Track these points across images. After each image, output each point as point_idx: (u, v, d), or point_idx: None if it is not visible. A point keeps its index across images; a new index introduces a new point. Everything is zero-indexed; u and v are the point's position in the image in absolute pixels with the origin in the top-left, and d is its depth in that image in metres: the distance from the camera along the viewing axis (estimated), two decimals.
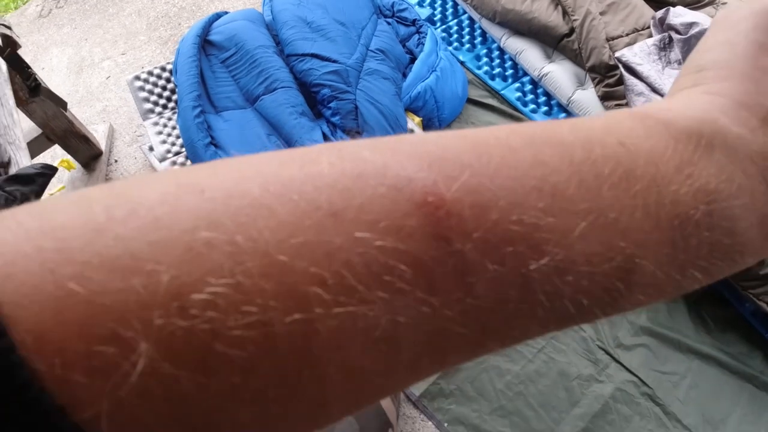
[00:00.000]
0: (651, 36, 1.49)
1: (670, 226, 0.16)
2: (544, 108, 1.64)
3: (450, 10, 1.88)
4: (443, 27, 1.84)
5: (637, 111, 0.18)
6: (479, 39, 1.81)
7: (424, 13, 1.86)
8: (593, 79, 1.52)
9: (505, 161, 0.15)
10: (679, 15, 1.41)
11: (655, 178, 0.16)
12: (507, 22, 1.68)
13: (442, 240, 0.13)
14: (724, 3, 1.61)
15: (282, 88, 1.46)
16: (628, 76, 1.42)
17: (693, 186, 0.16)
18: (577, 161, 0.15)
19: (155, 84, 1.59)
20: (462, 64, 1.74)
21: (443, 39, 1.79)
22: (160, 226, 0.12)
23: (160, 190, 0.13)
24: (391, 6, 1.74)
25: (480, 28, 1.82)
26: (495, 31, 1.74)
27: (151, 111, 1.54)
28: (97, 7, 2.16)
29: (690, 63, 0.21)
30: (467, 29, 1.84)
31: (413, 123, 1.56)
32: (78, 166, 1.56)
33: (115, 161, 1.66)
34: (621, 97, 1.46)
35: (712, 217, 0.16)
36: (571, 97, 1.56)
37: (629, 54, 1.43)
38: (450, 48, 1.77)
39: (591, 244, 0.15)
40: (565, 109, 1.61)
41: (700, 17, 1.39)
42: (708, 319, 1.31)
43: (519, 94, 1.67)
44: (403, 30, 1.71)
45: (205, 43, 1.54)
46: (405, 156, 0.14)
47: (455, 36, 1.83)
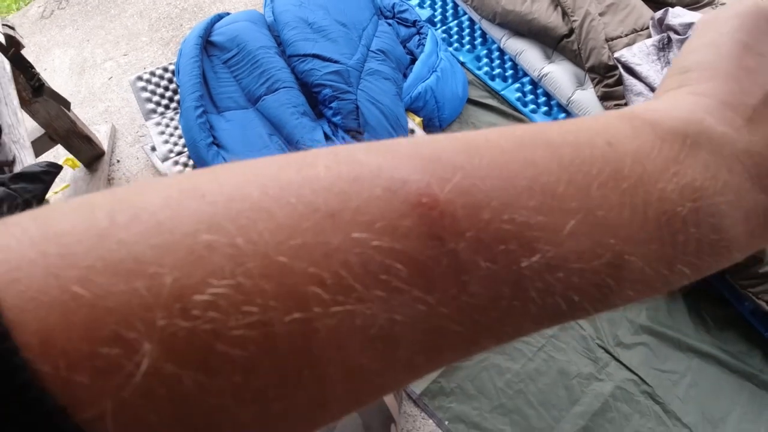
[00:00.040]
0: (650, 36, 1.49)
1: (657, 222, 0.16)
2: (544, 108, 1.64)
3: (450, 11, 1.89)
4: (443, 28, 1.85)
5: (625, 112, 0.18)
6: (479, 40, 1.81)
7: (425, 14, 1.87)
8: (593, 79, 1.53)
9: (496, 163, 0.15)
10: (677, 15, 1.41)
11: (642, 177, 0.16)
12: (507, 23, 1.69)
13: (437, 239, 0.13)
14: (723, 3, 1.62)
15: (284, 88, 1.47)
16: (627, 76, 1.42)
17: (679, 184, 0.16)
18: (566, 162, 0.15)
19: (157, 84, 1.59)
20: (462, 64, 1.75)
21: (443, 40, 1.80)
22: (162, 230, 0.12)
23: (162, 195, 0.13)
24: (392, 7, 1.75)
25: (480, 29, 1.82)
26: (495, 31, 1.75)
27: (154, 111, 1.55)
28: (99, 8, 2.16)
29: (676, 64, 0.21)
30: (467, 30, 1.84)
31: (414, 123, 1.57)
32: (80, 166, 1.57)
33: (118, 161, 1.66)
34: (620, 97, 1.46)
35: (698, 214, 0.16)
36: (570, 97, 1.56)
37: (628, 54, 1.43)
38: (450, 49, 1.78)
39: (581, 241, 0.15)
40: (564, 110, 1.61)
41: (698, 18, 1.39)
42: (707, 318, 1.31)
43: (519, 95, 1.67)
44: (403, 31, 1.72)
45: (207, 44, 1.55)
46: (399, 159, 0.14)
47: (455, 37, 1.83)
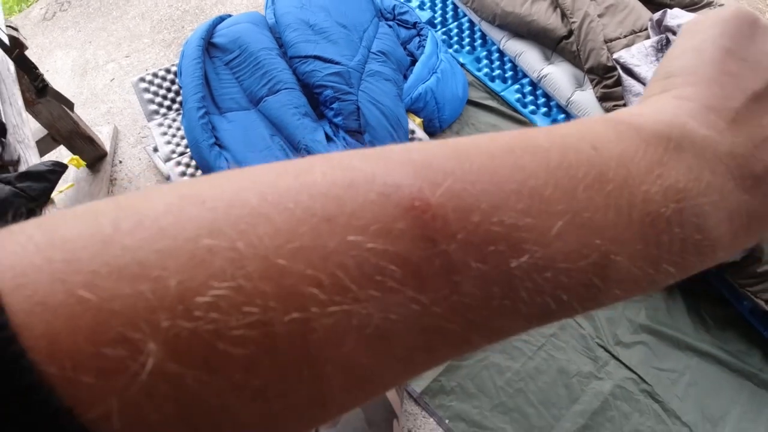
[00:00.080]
0: (648, 38, 1.50)
1: (642, 223, 0.16)
2: (544, 109, 1.65)
3: (450, 13, 1.90)
4: (443, 30, 1.85)
5: (610, 117, 0.19)
6: (479, 41, 1.82)
7: (425, 16, 1.88)
8: (592, 80, 1.53)
9: (485, 167, 0.15)
10: (676, 17, 1.42)
11: (627, 179, 0.16)
12: (506, 25, 1.69)
13: (429, 241, 0.14)
14: (722, 5, 1.63)
15: (285, 89, 1.47)
16: (625, 77, 1.43)
17: (663, 185, 0.17)
18: (553, 166, 0.16)
19: (160, 86, 1.60)
20: (462, 66, 1.76)
21: (443, 41, 1.81)
22: (164, 235, 0.12)
23: (164, 202, 0.13)
24: (392, 9, 1.76)
25: (480, 30, 1.83)
26: (495, 33, 1.75)
27: (156, 112, 1.55)
28: (101, 10, 2.17)
29: (661, 69, 0.22)
30: (467, 32, 1.85)
31: (414, 124, 1.57)
32: (85, 165, 1.58)
33: (120, 162, 1.67)
34: (619, 98, 1.47)
35: (682, 214, 0.17)
36: (570, 98, 1.57)
37: (627, 55, 1.43)
38: (450, 50, 1.79)
39: (568, 242, 0.15)
40: (564, 110, 1.62)
41: (699, 18, 1.41)
42: (707, 317, 1.31)
43: (519, 96, 1.68)
44: (404, 33, 1.73)
45: (209, 46, 1.55)
46: (392, 165, 0.15)
47: (455, 38, 1.84)
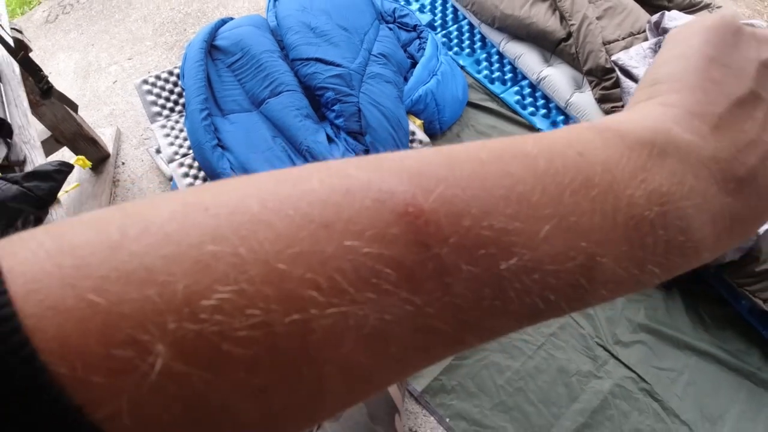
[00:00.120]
0: (647, 39, 1.51)
1: (626, 226, 0.17)
2: (543, 111, 1.66)
3: (450, 15, 1.91)
4: (443, 32, 1.87)
5: (595, 124, 0.20)
6: (479, 44, 1.84)
7: (425, 18, 1.89)
8: (590, 82, 1.55)
9: (475, 174, 0.16)
10: (674, 19, 1.44)
11: (612, 184, 0.17)
12: (506, 27, 1.71)
13: (422, 245, 0.15)
14: (719, 6, 1.64)
15: (287, 91, 1.49)
16: (624, 78, 1.44)
17: (647, 189, 0.17)
18: (540, 172, 0.17)
19: (163, 88, 1.61)
20: (462, 68, 1.77)
21: (443, 44, 1.82)
22: (170, 241, 0.13)
23: (168, 209, 0.14)
24: (393, 12, 1.77)
25: (479, 33, 1.84)
26: (494, 35, 1.77)
27: (159, 114, 1.56)
28: (104, 13, 2.18)
29: (647, 77, 0.23)
30: (467, 34, 1.87)
31: (415, 125, 1.58)
32: (90, 165, 1.59)
33: (123, 164, 1.68)
34: (617, 99, 1.48)
35: (665, 217, 0.17)
36: (568, 99, 1.58)
37: (625, 57, 1.44)
38: (450, 53, 1.80)
39: (555, 244, 0.16)
40: (563, 112, 1.63)
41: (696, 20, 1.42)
42: (705, 317, 1.31)
43: (518, 98, 1.69)
44: (404, 35, 1.74)
45: (211, 48, 1.57)
46: (387, 172, 0.16)
47: (455, 41, 1.86)
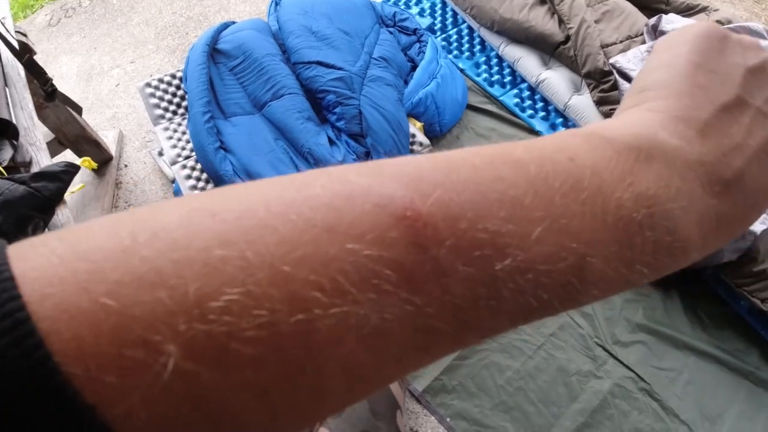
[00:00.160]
0: (644, 42, 1.52)
1: (615, 227, 0.17)
2: (542, 113, 1.67)
3: (450, 19, 1.93)
4: (443, 36, 1.89)
5: (584, 130, 0.20)
6: (478, 47, 1.85)
7: (425, 22, 1.91)
8: (589, 84, 1.56)
9: (470, 179, 0.17)
10: (671, 22, 1.45)
11: (601, 188, 0.18)
12: (505, 31, 1.72)
13: (421, 247, 0.15)
14: (717, 10, 1.65)
15: (289, 94, 1.50)
16: (622, 81, 1.46)
17: (634, 192, 0.18)
18: (531, 176, 0.17)
19: (165, 91, 1.62)
20: (462, 71, 1.78)
21: (443, 47, 1.84)
22: (179, 246, 0.13)
23: (177, 215, 0.14)
24: (393, 16, 1.78)
25: (479, 36, 1.86)
26: (493, 39, 1.78)
27: (162, 117, 1.58)
28: (106, 17, 2.20)
29: (635, 84, 0.24)
30: (466, 38, 1.88)
31: (415, 128, 1.60)
32: (96, 166, 1.60)
33: (125, 166, 1.69)
34: (615, 101, 1.50)
35: (652, 219, 0.18)
36: (567, 102, 1.60)
37: (623, 60, 1.46)
38: (450, 56, 1.82)
39: (547, 245, 0.16)
40: (561, 114, 1.64)
41: (693, 24, 1.42)
42: (704, 317, 1.31)
43: (517, 100, 1.70)
44: (404, 39, 1.75)
45: (213, 52, 1.58)
46: (386, 178, 0.16)
47: (455, 44, 1.87)
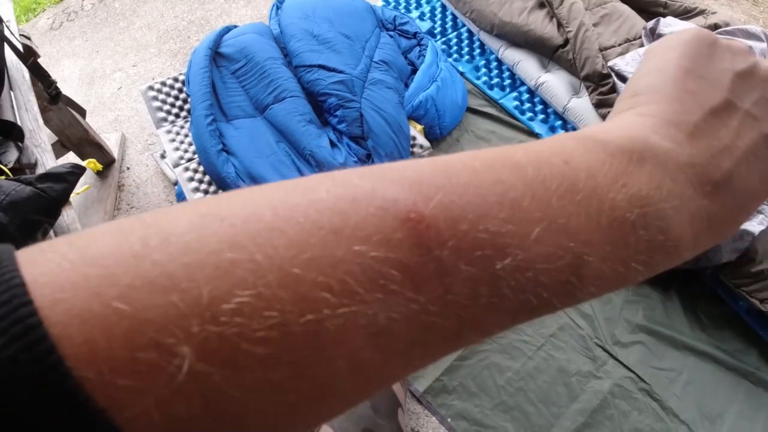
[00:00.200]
0: (642, 45, 1.53)
1: (610, 227, 0.18)
2: (541, 116, 1.68)
3: (450, 23, 1.94)
4: (443, 39, 1.90)
5: (579, 134, 0.21)
6: (478, 51, 1.86)
7: (425, 26, 1.92)
8: (587, 87, 1.57)
9: (470, 182, 0.17)
10: (669, 25, 1.46)
11: (595, 189, 0.18)
12: (504, 35, 1.73)
13: (424, 248, 0.16)
14: (714, 12, 1.66)
15: (290, 97, 1.51)
16: (620, 84, 1.46)
17: (627, 193, 0.19)
18: (529, 179, 0.18)
19: (168, 94, 1.63)
20: (462, 74, 1.79)
21: (443, 51, 1.85)
22: (190, 250, 0.14)
23: (186, 220, 0.15)
24: (393, 20, 1.80)
25: (478, 40, 1.87)
26: (493, 42, 1.79)
27: (165, 119, 1.58)
28: (108, 20, 2.21)
29: (627, 89, 0.24)
30: (466, 41, 1.90)
31: (416, 131, 1.61)
32: (101, 168, 1.62)
33: (127, 168, 1.70)
34: (614, 104, 1.50)
35: (646, 218, 0.19)
36: (566, 105, 1.60)
37: (621, 63, 1.47)
38: (450, 59, 1.83)
39: (545, 245, 0.17)
40: (561, 117, 1.65)
41: (690, 27, 1.44)
42: (703, 317, 1.32)
43: (517, 103, 1.71)
44: (404, 42, 1.77)
45: (216, 55, 1.59)
46: (389, 181, 0.17)
47: (455, 48, 1.88)
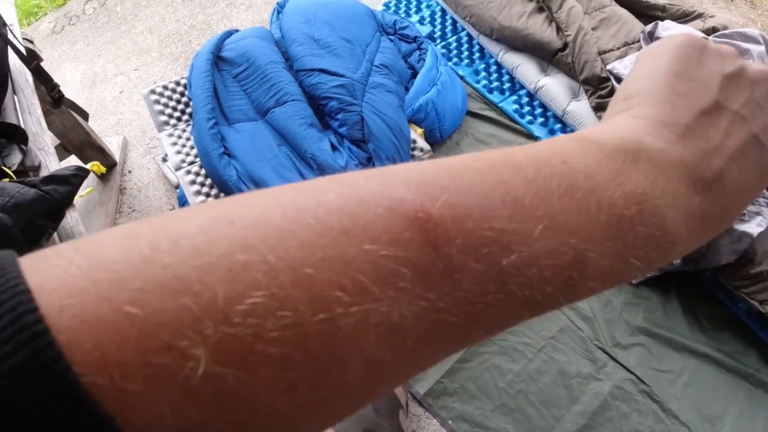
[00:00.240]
0: (641, 49, 1.55)
1: (609, 224, 0.19)
2: (541, 119, 1.68)
3: (449, 27, 1.95)
4: (443, 43, 1.91)
5: (577, 135, 0.22)
6: (477, 54, 1.87)
7: (425, 30, 1.93)
8: (586, 91, 1.57)
9: (474, 182, 0.18)
10: (667, 29, 1.46)
11: (594, 188, 0.19)
12: (504, 38, 1.74)
13: (433, 247, 0.16)
14: (712, 16, 1.66)
15: (292, 101, 1.52)
16: (619, 87, 1.48)
17: (624, 191, 0.19)
18: (530, 179, 0.18)
19: (170, 98, 1.64)
20: (461, 78, 1.80)
21: (443, 55, 1.86)
22: (201, 252, 0.14)
23: (195, 223, 0.15)
24: (394, 24, 1.81)
25: (478, 44, 1.88)
26: (492, 46, 1.80)
27: (167, 123, 1.59)
28: (109, 24, 2.22)
29: (620, 92, 0.25)
30: (466, 45, 1.90)
31: (416, 134, 1.61)
32: (105, 170, 1.62)
33: (129, 172, 1.71)
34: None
35: (642, 215, 0.19)
36: (565, 108, 1.61)
37: (620, 67, 1.47)
38: (450, 63, 1.84)
39: (548, 242, 0.17)
40: (560, 120, 1.66)
41: (688, 31, 1.43)
42: (703, 319, 1.32)
43: (516, 107, 1.72)
44: (405, 46, 1.78)
45: (217, 59, 1.60)
46: (395, 183, 0.17)
47: (455, 52, 1.89)
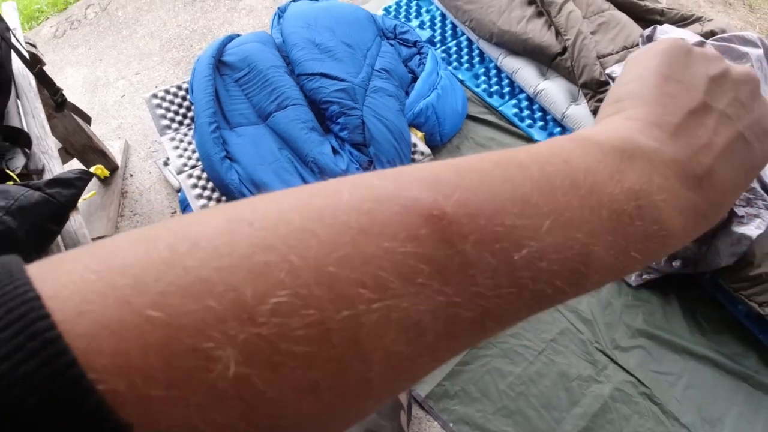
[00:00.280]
0: None
1: (610, 219, 0.20)
2: (540, 123, 1.69)
3: (449, 31, 1.96)
4: (443, 48, 1.92)
5: (575, 136, 0.23)
6: (477, 59, 1.88)
7: (425, 35, 1.95)
8: (586, 94, 1.58)
9: (482, 180, 0.18)
10: (665, 32, 1.47)
11: (594, 185, 0.20)
12: (503, 43, 1.75)
13: (448, 243, 0.16)
14: (711, 20, 1.68)
15: (293, 105, 1.53)
16: None
17: (623, 188, 0.20)
18: (535, 177, 0.19)
19: (172, 102, 1.64)
20: (461, 82, 1.81)
21: (443, 59, 1.87)
22: (222, 254, 0.14)
23: (214, 226, 0.15)
24: (394, 28, 1.82)
25: (478, 48, 1.89)
26: (492, 51, 1.81)
27: (168, 127, 1.60)
28: (111, 29, 2.23)
29: (611, 95, 0.26)
30: (466, 49, 1.92)
31: (416, 138, 1.62)
32: (108, 174, 1.63)
33: (131, 176, 1.71)
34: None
35: (641, 210, 0.20)
36: (565, 112, 1.62)
37: (619, 70, 1.48)
38: (450, 67, 1.85)
39: (556, 236, 0.18)
40: (559, 124, 1.67)
41: (686, 34, 1.43)
42: (702, 321, 1.32)
43: (516, 110, 1.73)
44: (405, 51, 1.79)
45: (219, 64, 1.61)
46: (407, 182, 0.18)
47: (455, 56, 1.90)
